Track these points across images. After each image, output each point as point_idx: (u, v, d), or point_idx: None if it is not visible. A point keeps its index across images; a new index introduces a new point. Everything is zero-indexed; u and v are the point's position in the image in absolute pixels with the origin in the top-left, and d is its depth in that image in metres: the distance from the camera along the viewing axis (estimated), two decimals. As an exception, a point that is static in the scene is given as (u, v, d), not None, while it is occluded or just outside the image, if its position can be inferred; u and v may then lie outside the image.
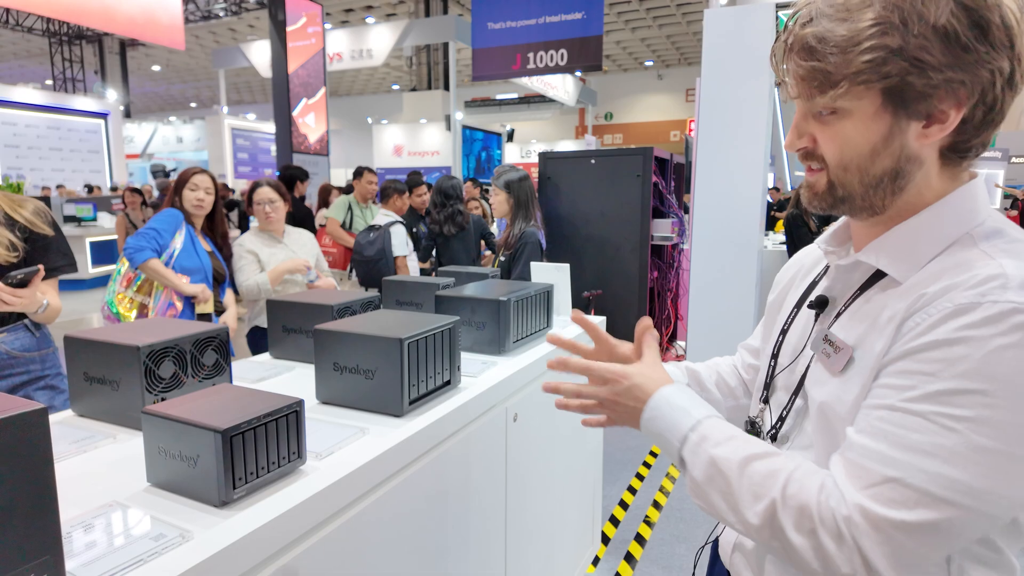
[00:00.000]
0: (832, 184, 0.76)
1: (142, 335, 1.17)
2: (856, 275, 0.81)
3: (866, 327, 0.74)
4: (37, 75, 22.01)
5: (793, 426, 0.84)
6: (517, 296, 1.68)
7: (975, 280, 0.65)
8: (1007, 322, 0.61)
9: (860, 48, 0.67)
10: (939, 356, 0.63)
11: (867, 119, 0.71)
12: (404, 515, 1.13)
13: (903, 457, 0.63)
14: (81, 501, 0.88)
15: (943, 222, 0.73)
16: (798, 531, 0.67)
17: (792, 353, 0.87)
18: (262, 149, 17.09)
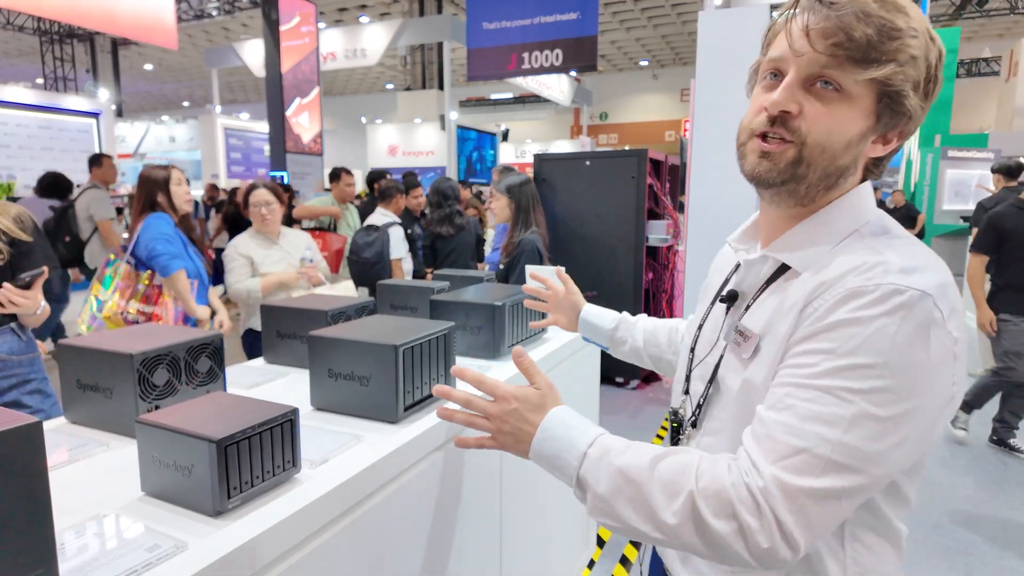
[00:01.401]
0: (799, 160, 0.76)
1: (135, 342, 1.17)
2: (764, 269, 0.86)
3: (771, 315, 0.79)
4: (28, 74, 21.86)
5: (710, 414, 0.89)
6: (512, 300, 1.68)
7: (862, 268, 0.71)
8: (889, 302, 0.68)
9: (904, 43, 0.71)
10: (836, 336, 0.69)
11: (861, 111, 0.74)
12: (400, 522, 1.13)
13: (808, 428, 0.68)
14: (75, 511, 0.88)
15: (838, 219, 0.79)
16: (718, 517, 0.69)
17: (707, 345, 0.92)
18: (255, 149, 17.01)
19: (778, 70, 0.78)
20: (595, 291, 4.60)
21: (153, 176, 2.72)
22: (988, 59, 18.05)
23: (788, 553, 0.67)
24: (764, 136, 0.78)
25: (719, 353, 0.88)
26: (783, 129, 0.76)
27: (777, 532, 0.67)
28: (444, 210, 4.26)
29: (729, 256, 0.99)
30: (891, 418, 0.67)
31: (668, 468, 0.73)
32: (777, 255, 0.82)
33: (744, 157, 0.81)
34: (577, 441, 0.80)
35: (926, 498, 3.15)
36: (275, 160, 12.30)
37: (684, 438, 0.94)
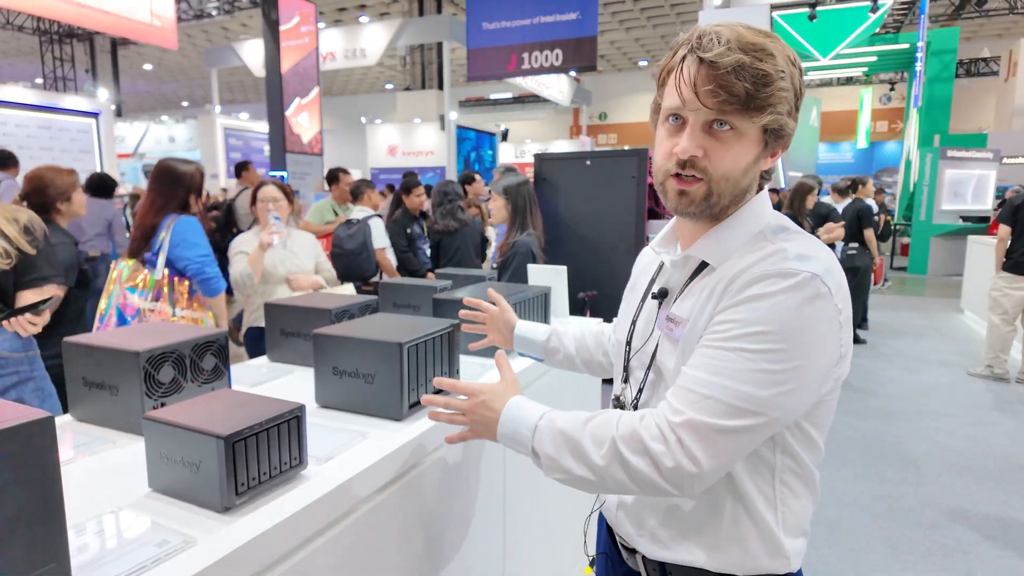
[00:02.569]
0: (710, 193, 0.90)
1: (141, 340, 1.17)
2: (686, 268, 0.99)
3: (693, 302, 0.93)
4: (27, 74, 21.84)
5: (651, 395, 1.02)
6: (515, 299, 1.69)
7: (765, 256, 0.87)
8: (785, 281, 0.83)
9: (775, 86, 0.85)
10: (744, 308, 0.84)
11: (751, 143, 0.89)
12: (404, 519, 1.14)
13: (716, 380, 0.83)
14: (84, 507, 0.88)
15: (744, 224, 0.94)
16: (635, 453, 0.84)
17: (642, 337, 1.05)
18: (255, 149, 17.01)
19: (678, 115, 0.91)
20: (595, 290, 4.60)
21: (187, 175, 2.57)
22: (987, 59, 18.07)
23: (692, 468, 0.82)
24: (678, 176, 0.91)
25: (655, 343, 1.01)
26: (693, 169, 0.89)
27: (680, 451, 0.82)
28: (446, 207, 4.27)
29: (651, 260, 1.13)
30: (781, 371, 0.82)
31: (597, 423, 0.89)
32: (697, 255, 0.96)
33: (665, 194, 0.94)
34: (529, 417, 0.96)
35: (925, 497, 3.16)
36: (275, 160, 12.29)
37: None
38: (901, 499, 3.14)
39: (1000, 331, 5.01)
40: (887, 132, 21.51)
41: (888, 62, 14.65)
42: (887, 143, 21.26)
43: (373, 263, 4.04)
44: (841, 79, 19.04)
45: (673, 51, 0.93)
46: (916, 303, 6.42)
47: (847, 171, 20.77)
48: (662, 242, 1.07)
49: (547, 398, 1.73)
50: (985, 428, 4.08)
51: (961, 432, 4.02)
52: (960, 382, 5.07)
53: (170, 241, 2.49)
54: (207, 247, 2.57)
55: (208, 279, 2.52)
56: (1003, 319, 4.97)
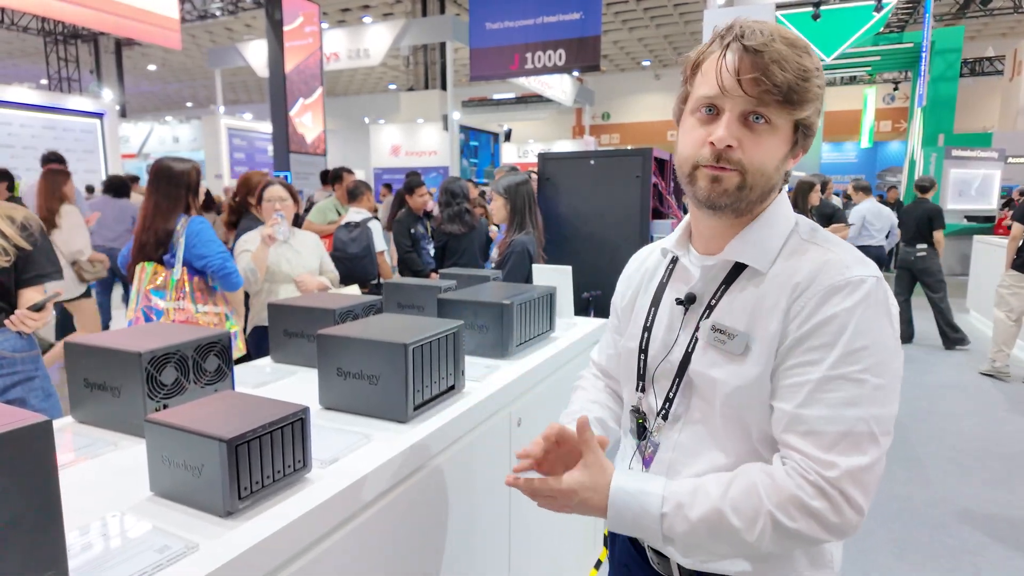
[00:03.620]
0: (743, 185, 0.88)
1: (143, 341, 1.16)
2: (714, 272, 0.95)
3: (751, 314, 0.89)
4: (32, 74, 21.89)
5: (684, 406, 0.97)
6: (521, 299, 1.67)
7: (829, 266, 0.85)
8: (858, 292, 0.83)
9: (813, 83, 0.85)
10: (829, 330, 0.82)
11: (783, 138, 0.88)
12: (410, 521, 1.12)
13: (843, 413, 0.81)
14: (84, 511, 0.87)
15: (777, 221, 0.93)
16: (795, 519, 0.80)
17: (663, 345, 1.00)
18: (259, 149, 17.02)
19: (714, 106, 0.88)
20: (599, 290, 4.58)
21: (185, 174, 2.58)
22: (992, 58, 18.00)
23: (856, 516, 0.79)
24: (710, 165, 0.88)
25: (682, 350, 0.96)
26: (726, 161, 0.87)
27: (844, 504, 0.79)
28: (454, 208, 4.25)
29: (656, 262, 1.09)
30: (889, 383, 0.82)
31: (736, 496, 0.83)
32: (735, 258, 0.93)
33: (695, 183, 0.90)
34: (649, 506, 0.86)
35: (932, 498, 3.14)
36: (278, 160, 12.30)
37: (654, 430, 1.01)
38: (908, 499, 3.12)
39: (1004, 326, 5.11)
40: (891, 132, 21.43)
41: (892, 61, 14.60)
42: (891, 143, 21.18)
43: (375, 266, 4.03)
44: (845, 78, 18.98)
45: (709, 42, 0.91)
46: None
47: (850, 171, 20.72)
48: (678, 243, 1.03)
49: (551, 401, 1.72)
50: (993, 428, 4.05)
51: (969, 432, 3.99)
52: (968, 382, 5.04)
53: (186, 241, 2.52)
54: (221, 243, 2.60)
55: (229, 274, 2.57)
56: (1007, 315, 5.08)
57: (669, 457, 0.97)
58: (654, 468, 0.99)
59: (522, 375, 1.56)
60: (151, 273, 2.52)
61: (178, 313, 2.47)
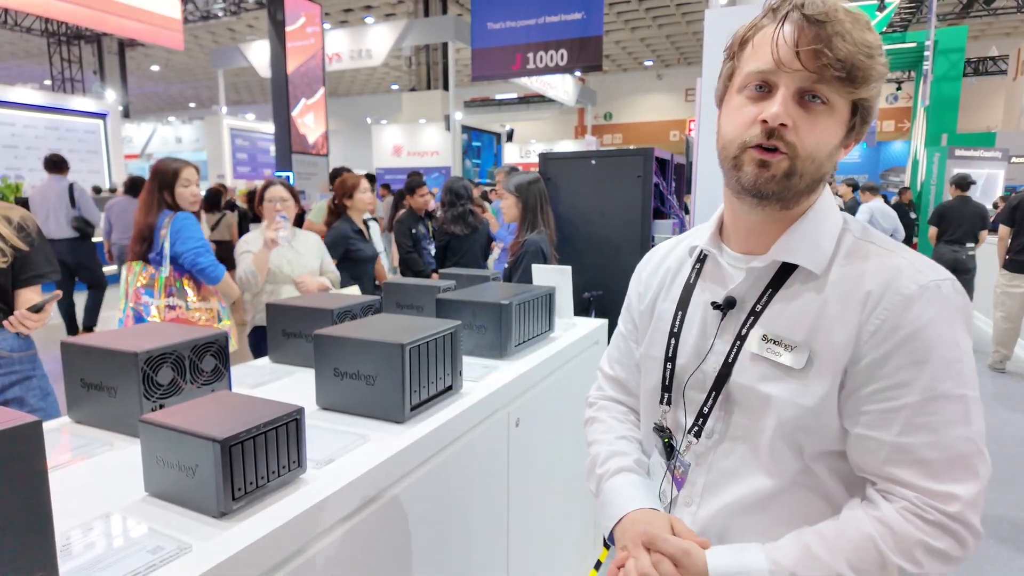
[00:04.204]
0: (793, 171, 0.79)
1: (140, 341, 1.16)
2: (759, 273, 0.86)
3: (810, 323, 0.81)
4: (35, 75, 21.95)
5: (723, 424, 0.88)
6: (519, 299, 1.66)
7: (897, 273, 0.78)
8: (937, 299, 0.76)
9: (878, 60, 0.77)
10: (917, 346, 0.75)
11: (840, 121, 0.80)
12: (406, 522, 1.12)
13: (948, 436, 0.74)
14: (77, 512, 0.87)
15: (827, 220, 0.85)
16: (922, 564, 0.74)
17: (696, 353, 0.90)
18: (261, 149, 17.06)
19: (766, 82, 0.79)
20: (600, 290, 4.57)
21: (163, 169, 2.64)
22: (995, 58, 17.94)
23: (975, 540, 0.75)
24: (759, 147, 0.79)
25: (719, 359, 0.87)
26: (778, 141, 0.78)
27: (969, 537, 0.74)
28: (457, 209, 4.24)
29: (678, 261, 1.00)
30: (976, 394, 0.77)
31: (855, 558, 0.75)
32: (786, 259, 0.84)
33: (740, 168, 0.81)
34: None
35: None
36: (281, 160, 12.31)
37: (684, 450, 0.91)
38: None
39: (1000, 327, 5.22)
40: (894, 131, 21.38)
41: (895, 61, 14.55)
42: (894, 142, 21.13)
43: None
44: (848, 78, 18.90)
45: (761, 15, 0.82)
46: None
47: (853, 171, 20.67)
48: (711, 240, 0.93)
49: (549, 401, 1.71)
50: (996, 429, 4.03)
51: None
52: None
53: (169, 239, 2.54)
54: (200, 239, 2.59)
55: (203, 268, 2.57)
56: (1004, 316, 5.19)
57: (705, 479, 0.89)
58: (687, 490, 0.91)
59: (520, 375, 1.55)
60: (138, 272, 2.54)
61: (169, 311, 2.48)
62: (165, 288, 2.51)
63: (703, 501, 0.90)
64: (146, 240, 2.55)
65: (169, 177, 2.64)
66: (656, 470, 0.97)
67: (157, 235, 2.54)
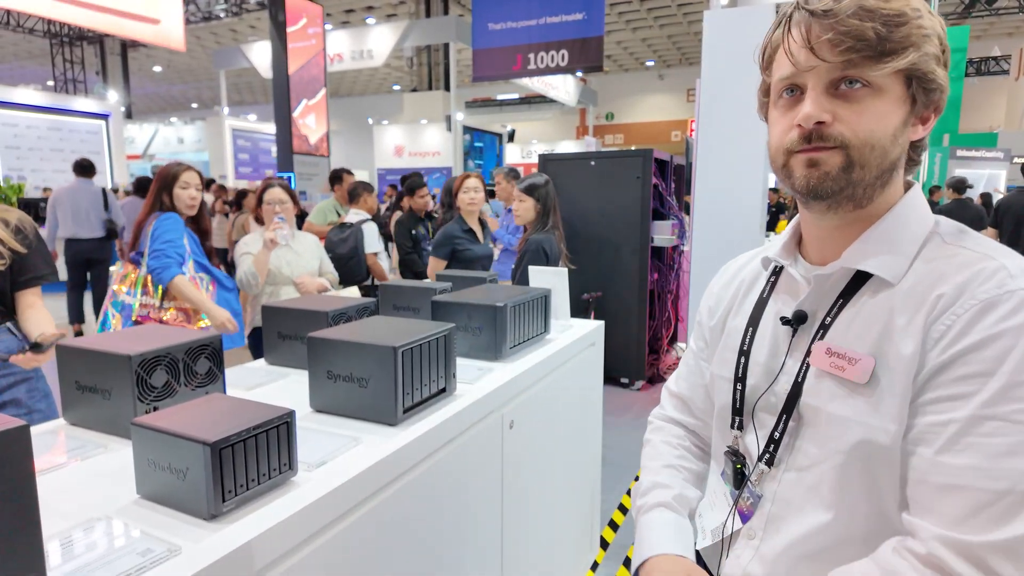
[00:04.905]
0: (851, 164, 0.72)
1: (134, 343, 1.16)
2: (830, 283, 0.80)
3: (877, 334, 0.73)
4: (38, 76, 22.02)
5: (794, 448, 0.80)
6: (514, 301, 1.67)
7: (984, 275, 0.68)
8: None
9: (913, 24, 0.69)
10: (986, 356, 0.64)
11: (894, 99, 0.72)
12: (398, 525, 1.12)
13: (999, 465, 0.62)
14: (69, 514, 0.87)
15: (911, 222, 0.76)
16: None
17: (766, 373, 0.84)
18: (263, 150, 17.09)
19: (794, 85, 0.76)
20: (599, 291, 4.58)
21: (164, 172, 2.68)
22: (997, 58, 17.91)
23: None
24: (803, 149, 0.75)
25: (790, 380, 0.81)
26: (821, 141, 0.73)
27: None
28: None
29: (752, 273, 0.94)
30: None
31: None
32: (857, 266, 0.76)
33: (791, 175, 0.76)
34: None
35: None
36: (282, 161, 12.34)
37: (756, 479, 0.84)
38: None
39: None
40: (896, 132, 21.33)
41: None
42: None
43: (363, 268, 4.05)
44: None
45: (776, 23, 0.79)
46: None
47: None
48: (784, 251, 0.86)
49: (544, 403, 1.71)
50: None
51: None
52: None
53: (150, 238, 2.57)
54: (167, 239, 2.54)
55: (152, 270, 2.52)
56: None
57: (769, 511, 0.81)
58: (751, 523, 0.83)
59: (515, 377, 1.55)
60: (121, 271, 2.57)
61: (142, 309, 2.50)
62: (142, 286, 2.53)
63: (766, 536, 0.82)
64: (136, 241, 2.58)
65: (169, 180, 2.66)
66: (718, 499, 0.90)
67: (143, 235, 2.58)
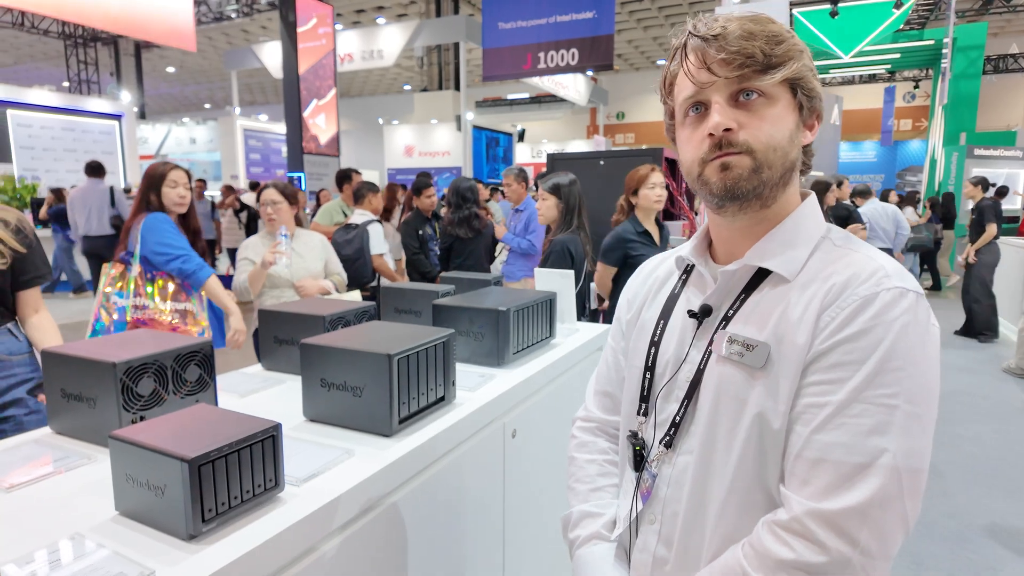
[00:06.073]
0: (759, 165, 0.79)
1: (120, 350, 1.12)
2: (734, 280, 0.86)
3: (774, 323, 0.79)
4: (53, 77, 22.23)
5: (691, 433, 0.86)
6: (517, 305, 1.62)
7: (865, 273, 0.76)
8: (899, 305, 0.73)
9: (790, 43, 0.80)
10: (860, 346, 0.72)
11: (786, 108, 0.81)
12: (392, 543, 1.08)
13: (863, 442, 0.70)
14: (43, 532, 0.83)
15: (809, 226, 0.84)
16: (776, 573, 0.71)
17: (674, 362, 0.89)
18: (274, 150, 17.14)
19: (699, 103, 0.82)
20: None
21: (151, 171, 2.65)
22: (1016, 55, 17.60)
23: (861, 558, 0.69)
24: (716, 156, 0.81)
25: (692, 369, 0.86)
26: (731, 147, 0.80)
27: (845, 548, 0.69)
28: (463, 212, 4.21)
29: (667, 272, 1.00)
30: (925, 413, 0.72)
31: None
32: (759, 263, 0.83)
33: (707, 182, 0.82)
34: None
35: (951, 509, 3.03)
36: (292, 161, 12.36)
37: (654, 460, 0.89)
38: (926, 512, 3.02)
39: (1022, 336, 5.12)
40: (911, 131, 21.07)
41: (913, 59, 14.33)
42: (911, 142, 20.82)
43: (370, 269, 4.00)
44: (864, 76, 18.68)
45: (671, 55, 0.86)
46: (940, 305, 6.22)
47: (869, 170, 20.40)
48: (695, 251, 0.93)
49: (548, 411, 1.66)
50: (1013, 436, 3.92)
51: (988, 440, 3.87)
52: (987, 388, 4.90)
53: (140, 238, 2.52)
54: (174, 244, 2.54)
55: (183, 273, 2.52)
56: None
57: (665, 494, 0.87)
58: (650, 508, 0.89)
59: (518, 384, 1.50)
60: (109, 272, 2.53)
61: (136, 311, 2.46)
62: (135, 288, 2.50)
63: (664, 519, 0.87)
64: (124, 242, 2.54)
65: (157, 179, 2.64)
66: (627, 487, 0.95)
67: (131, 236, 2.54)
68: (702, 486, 0.83)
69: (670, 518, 0.86)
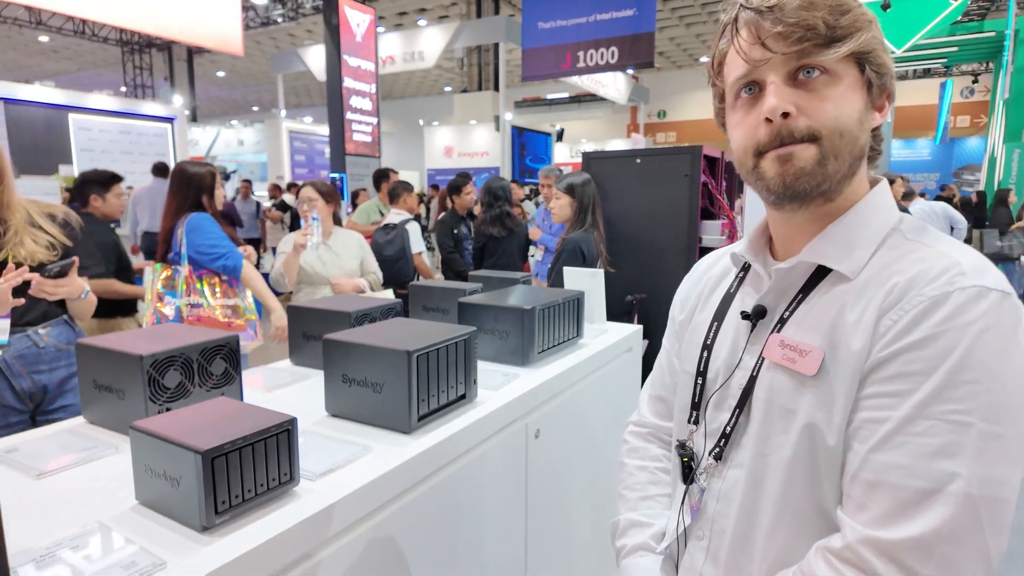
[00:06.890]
0: (824, 156, 0.71)
1: (148, 343, 1.15)
2: (790, 279, 0.78)
3: (829, 327, 0.72)
4: (112, 83, 23.20)
5: (743, 445, 0.79)
6: (543, 304, 1.60)
7: (935, 271, 0.66)
8: (979, 306, 0.62)
9: (857, 12, 0.70)
10: (927, 355, 0.63)
11: (853, 86, 0.72)
12: (408, 541, 1.07)
13: (928, 466, 0.61)
14: (64, 521, 0.85)
15: (875, 218, 0.75)
16: None
17: (725, 368, 0.83)
18: (318, 151, 17.50)
19: (752, 82, 0.74)
20: (644, 293, 4.44)
21: (196, 176, 2.68)
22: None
23: None
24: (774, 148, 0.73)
25: (745, 375, 0.80)
26: (790, 134, 0.71)
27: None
28: (495, 211, 4.21)
29: (722, 270, 0.94)
30: (1010, 434, 0.61)
31: None
32: (815, 260, 0.75)
33: (763, 176, 0.74)
34: None
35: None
36: (335, 162, 12.58)
37: (702, 473, 0.83)
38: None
39: None
40: (969, 127, 20.16)
41: (971, 52, 13.71)
42: (968, 139, 19.93)
43: (411, 268, 4.03)
44: (918, 71, 17.98)
45: (719, 31, 0.79)
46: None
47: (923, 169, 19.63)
48: (750, 248, 0.86)
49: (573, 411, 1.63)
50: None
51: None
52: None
53: (185, 238, 2.57)
54: (215, 235, 2.60)
55: (227, 269, 2.58)
56: None
57: (714, 509, 0.81)
58: (699, 523, 0.83)
59: (542, 384, 1.48)
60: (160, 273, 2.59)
61: (191, 310, 2.51)
62: (186, 287, 2.56)
63: (713, 535, 0.82)
64: (166, 242, 2.60)
65: (209, 183, 2.68)
66: (677, 499, 0.89)
67: (175, 236, 2.59)
68: (752, 503, 0.77)
69: (718, 535, 0.81)
